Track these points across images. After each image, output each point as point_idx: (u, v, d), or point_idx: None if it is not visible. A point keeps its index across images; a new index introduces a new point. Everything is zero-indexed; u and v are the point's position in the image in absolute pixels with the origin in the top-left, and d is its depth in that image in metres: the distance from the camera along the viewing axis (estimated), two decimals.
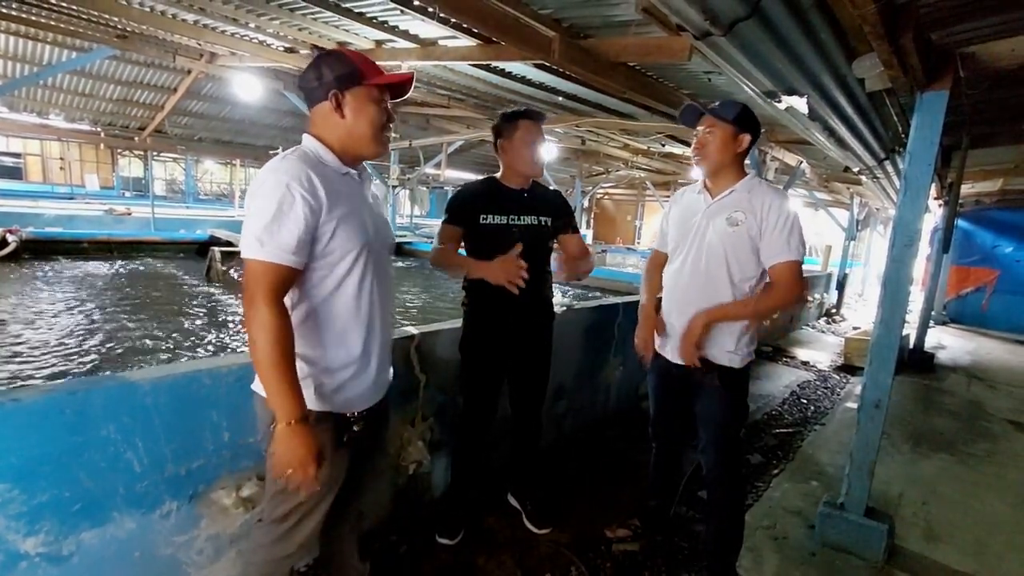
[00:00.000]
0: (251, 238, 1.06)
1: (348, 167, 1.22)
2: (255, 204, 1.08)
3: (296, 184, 1.07)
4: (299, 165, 1.10)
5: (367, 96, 1.18)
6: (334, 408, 1.20)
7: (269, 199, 1.06)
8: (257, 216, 1.06)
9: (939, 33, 1.80)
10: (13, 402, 1.18)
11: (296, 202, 1.06)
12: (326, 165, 1.17)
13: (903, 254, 2.02)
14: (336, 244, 1.14)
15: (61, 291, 6.55)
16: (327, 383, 1.19)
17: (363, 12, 3.42)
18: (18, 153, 19.48)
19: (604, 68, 2.91)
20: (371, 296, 1.22)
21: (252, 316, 1.05)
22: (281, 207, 1.06)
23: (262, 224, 1.05)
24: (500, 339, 1.95)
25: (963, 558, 2.18)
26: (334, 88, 1.16)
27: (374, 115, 1.19)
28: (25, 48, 7.42)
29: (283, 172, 1.08)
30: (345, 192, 1.18)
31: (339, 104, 1.17)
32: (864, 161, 3.83)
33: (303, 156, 1.14)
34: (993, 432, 3.77)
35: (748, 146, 1.66)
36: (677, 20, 1.47)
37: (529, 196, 1.92)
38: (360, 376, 1.23)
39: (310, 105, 1.21)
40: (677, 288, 1.77)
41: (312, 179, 1.10)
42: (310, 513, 1.22)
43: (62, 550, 1.28)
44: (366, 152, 1.23)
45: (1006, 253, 8.50)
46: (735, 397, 1.73)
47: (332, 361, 1.19)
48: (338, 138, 1.20)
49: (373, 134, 1.20)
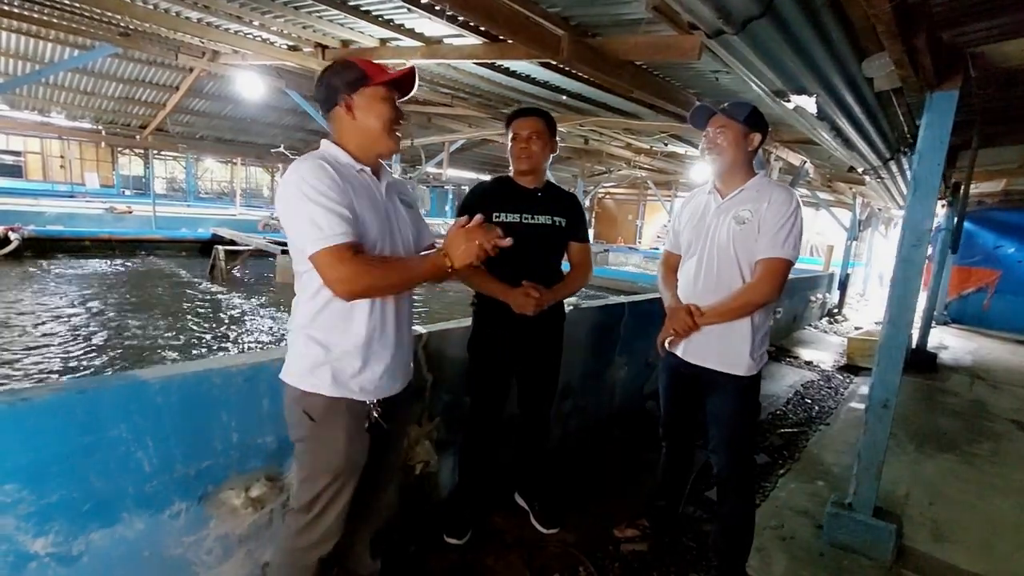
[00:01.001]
0: (309, 234, 1.11)
1: (364, 165, 1.27)
2: (293, 206, 1.14)
3: (324, 176, 1.15)
4: (316, 162, 1.18)
5: (375, 95, 1.25)
6: (350, 395, 1.25)
7: (304, 196, 1.12)
8: (301, 215, 1.12)
9: (950, 33, 1.79)
10: (23, 402, 1.17)
11: (330, 190, 1.14)
12: (341, 164, 1.24)
13: (912, 254, 2.01)
14: (360, 231, 1.19)
15: (64, 289, 6.54)
16: (343, 369, 1.24)
17: (369, 10, 3.41)
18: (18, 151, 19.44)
19: (612, 67, 2.89)
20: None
21: (351, 286, 1.13)
22: (319, 199, 1.12)
23: (310, 218, 1.11)
24: (509, 339, 1.94)
25: (971, 558, 2.18)
26: (344, 93, 1.24)
27: (383, 111, 1.26)
28: (27, 46, 7.41)
29: (306, 171, 1.15)
30: (362, 187, 1.24)
31: (350, 107, 1.24)
32: (869, 161, 3.82)
33: (319, 155, 1.23)
34: (997, 432, 3.77)
35: (758, 145, 1.66)
36: (690, 18, 1.47)
37: (543, 195, 1.92)
38: (372, 364, 1.27)
39: (327, 114, 1.29)
40: (691, 289, 1.76)
41: (331, 173, 1.17)
42: (333, 500, 1.27)
43: (71, 550, 1.27)
44: (381, 148, 1.29)
45: (1008, 254, 8.51)
46: (748, 397, 1.73)
47: (347, 348, 1.24)
48: (354, 139, 1.27)
49: (384, 129, 1.27)
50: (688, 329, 1.70)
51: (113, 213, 11.81)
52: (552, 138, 1.91)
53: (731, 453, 1.75)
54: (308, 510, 1.27)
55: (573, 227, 1.96)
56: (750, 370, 1.67)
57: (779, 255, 1.58)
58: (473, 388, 2.04)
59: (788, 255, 1.58)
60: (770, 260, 1.58)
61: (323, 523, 1.27)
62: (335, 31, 3.93)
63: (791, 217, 1.58)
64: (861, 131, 2.87)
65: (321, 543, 1.29)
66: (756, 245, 1.60)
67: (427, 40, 3.77)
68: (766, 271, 1.59)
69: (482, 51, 3.32)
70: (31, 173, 19.52)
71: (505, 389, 2.03)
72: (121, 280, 7.44)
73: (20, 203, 11.46)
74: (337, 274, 1.12)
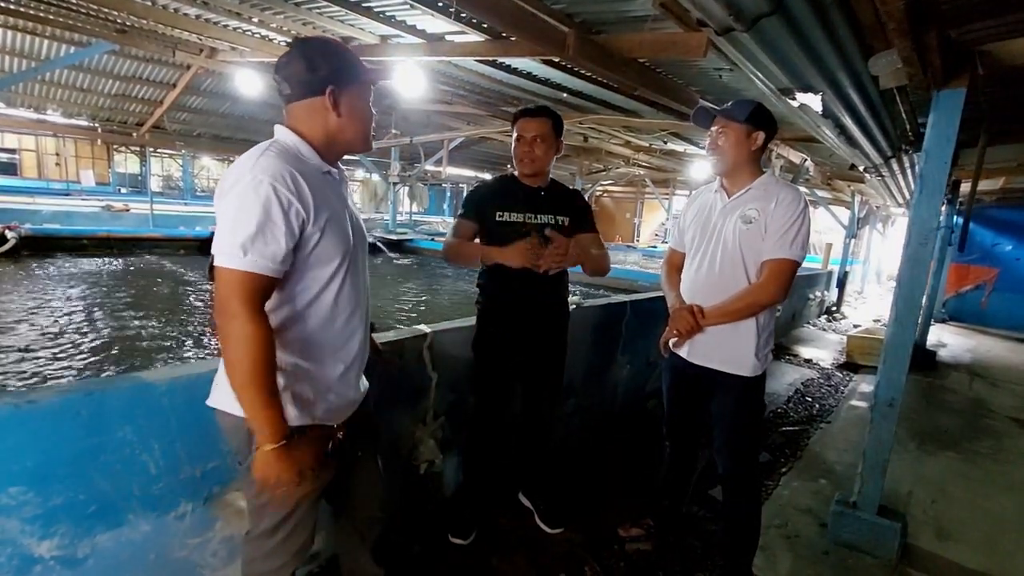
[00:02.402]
0: (233, 246, 0.96)
1: (329, 165, 1.14)
2: (233, 207, 0.97)
3: (281, 186, 0.98)
4: (279, 163, 1.00)
5: (363, 94, 1.13)
6: (316, 421, 1.13)
7: (251, 202, 0.96)
8: (239, 221, 0.97)
9: (958, 30, 1.78)
10: (29, 404, 1.16)
11: (284, 207, 0.98)
12: (306, 163, 1.08)
13: (919, 252, 2.01)
14: (321, 251, 1.07)
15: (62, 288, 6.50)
16: (308, 395, 1.12)
17: (371, 6, 3.39)
18: (13, 148, 19.33)
19: (617, 64, 2.88)
20: (351, 302, 1.16)
21: (231, 330, 0.97)
22: (268, 213, 0.97)
23: (247, 231, 0.96)
24: (514, 338, 1.94)
25: (975, 556, 2.18)
26: (331, 84, 1.06)
27: (368, 114, 1.15)
28: (23, 43, 7.35)
29: (263, 171, 0.98)
30: (328, 193, 1.10)
31: (336, 102, 1.08)
32: (871, 159, 3.82)
33: (282, 153, 1.04)
34: (997, 430, 3.78)
35: (763, 143, 1.65)
36: (699, 15, 1.45)
37: (547, 194, 1.90)
38: (341, 385, 1.18)
39: (293, 98, 1.09)
40: (696, 288, 1.75)
41: (297, 180, 1.01)
42: (302, 521, 1.18)
43: (77, 553, 1.26)
44: (356, 150, 1.18)
45: (1006, 251, 8.53)
46: (753, 398, 1.72)
47: (312, 372, 1.12)
48: (325, 136, 1.11)
49: (367, 133, 1.15)
50: (691, 330, 1.68)
51: (110, 211, 11.75)
52: (558, 138, 1.88)
53: (736, 453, 1.75)
54: (272, 535, 1.16)
55: (578, 222, 1.94)
56: (755, 370, 1.67)
57: (786, 256, 1.56)
58: (477, 387, 2.03)
59: (795, 256, 1.57)
60: (777, 261, 1.57)
61: (294, 543, 1.18)
62: (336, 28, 3.91)
63: (799, 217, 1.57)
64: (865, 129, 2.87)
65: (293, 562, 1.20)
66: (763, 245, 1.59)
67: (428, 37, 3.75)
68: (772, 272, 1.58)
69: (485, 48, 3.30)
70: (26, 171, 19.40)
71: (510, 389, 2.02)
72: (120, 279, 7.39)
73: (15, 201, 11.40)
74: (233, 308, 0.97)
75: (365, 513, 1.44)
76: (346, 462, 1.29)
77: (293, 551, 1.19)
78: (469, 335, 2.02)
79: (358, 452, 1.34)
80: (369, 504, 1.44)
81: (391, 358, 1.83)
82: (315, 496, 1.19)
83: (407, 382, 1.97)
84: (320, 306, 1.12)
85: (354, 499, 1.40)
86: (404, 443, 2.00)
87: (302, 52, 1.06)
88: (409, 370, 1.97)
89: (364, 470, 1.40)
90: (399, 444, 1.99)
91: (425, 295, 7.73)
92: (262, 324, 0.99)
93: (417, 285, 8.48)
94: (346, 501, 1.40)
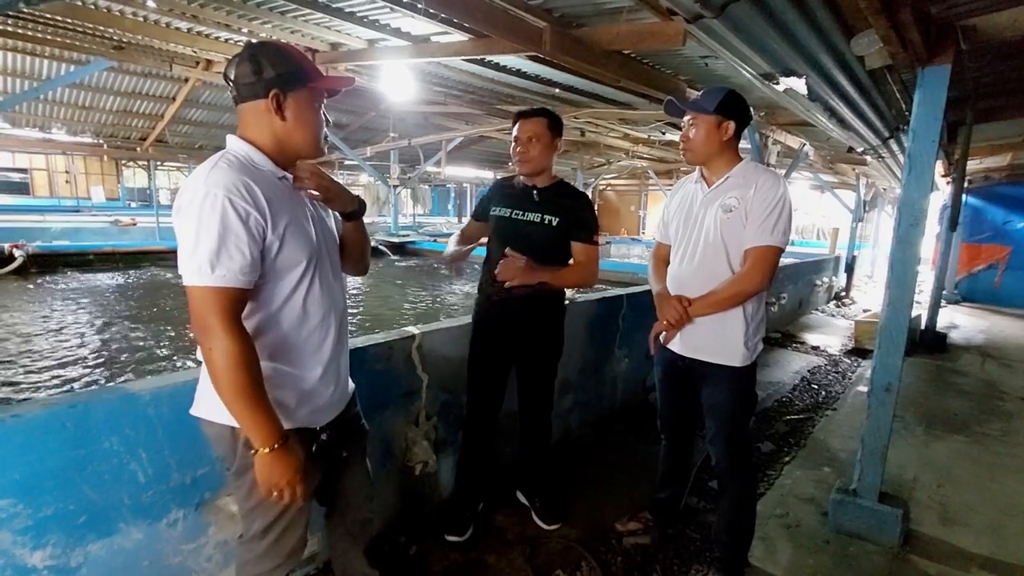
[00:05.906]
0: (197, 263, 0.97)
1: (284, 171, 1.13)
2: (192, 224, 0.97)
3: (236, 197, 0.98)
4: (232, 174, 1.00)
5: (311, 99, 1.11)
6: (297, 424, 1.14)
7: (208, 217, 0.96)
8: (199, 238, 0.96)
9: (939, 6, 1.75)
10: (14, 418, 1.18)
11: (242, 217, 0.98)
12: (260, 170, 1.07)
13: (909, 234, 1.98)
14: (284, 257, 1.07)
15: (69, 304, 6.62)
16: (286, 400, 1.13)
17: (353, 11, 3.40)
18: (24, 168, 19.70)
19: (598, 57, 2.86)
20: (322, 305, 1.17)
21: (212, 346, 0.98)
22: (227, 225, 0.97)
23: (209, 247, 0.96)
24: (504, 336, 1.95)
25: (980, 540, 2.15)
26: (275, 87, 1.05)
27: (316, 120, 1.12)
28: (23, 64, 7.48)
29: (216, 184, 0.98)
30: (285, 198, 1.09)
31: (280, 106, 1.07)
32: (868, 141, 3.76)
33: (233, 164, 1.03)
34: (1008, 411, 3.71)
35: (735, 132, 1.62)
36: (667, 4, 1.44)
37: (539, 194, 1.91)
38: (319, 388, 1.18)
39: (240, 101, 1.09)
40: (682, 280, 1.74)
41: (252, 188, 1.01)
42: (292, 523, 1.19)
43: (70, 562, 1.28)
44: (306, 156, 1.16)
45: (1018, 229, 8.36)
46: (743, 387, 1.71)
47: (289, 376, 1.13)
48: (274, 140, 1.10)
49: (315, 139, 1.13)
50: (680, 318, 1.66)
51: (118, 226, 11.93)
52: (556, 137, 1.89)
53: (729, 444, 1.74)
54: (264, 537, 1.17)
55: (570, 227, 1.90)
56: (745, 360, 1.65)
57: (768, 243, 1.55)
58: (469, 384, 2.04)
59: (778, 242, 1.55)
60: (759, 248, 1.56)
61: (286, 544, 1.20)
62: (323, 34, 3.93)
63: (779, 202, 1.55)
64: (856, 110, 2.83)
65: (288, 562, 1.22)
66: (744, 233, 1.58)
67: (414, 39, 3.75)
68: (756, 259, 1.56)
69: (469, 47, 3.30)
70: (37, 189, 19.78)
71: (501, 385, 2.02)
72: (126, 293, 7.50)
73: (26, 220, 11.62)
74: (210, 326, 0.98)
75: (356, 515, 1.45)
76: (334, 464, 1.30)
77: (285, 553, 1.21)
78: (459, 335, 2.03)
79: (343, 453, 1.35)
80: (359, 506, 1.46)
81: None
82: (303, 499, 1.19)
83: (397, 384, 1.99)
84: (290, 310, 1.13)
85: (344, 501, 1.42)
86: (398, 445, 2.01)
87: (251, 55, 1.06)
88: (399, 372, 1.98)
89: (353, 472, 1.41)
90: (393, 446, 2.00)
91: (427, 296, 7.76)
92: (241, 336, 1.00)
93: (418, 286, 8.52)
94: (336, 503, 1.42)
